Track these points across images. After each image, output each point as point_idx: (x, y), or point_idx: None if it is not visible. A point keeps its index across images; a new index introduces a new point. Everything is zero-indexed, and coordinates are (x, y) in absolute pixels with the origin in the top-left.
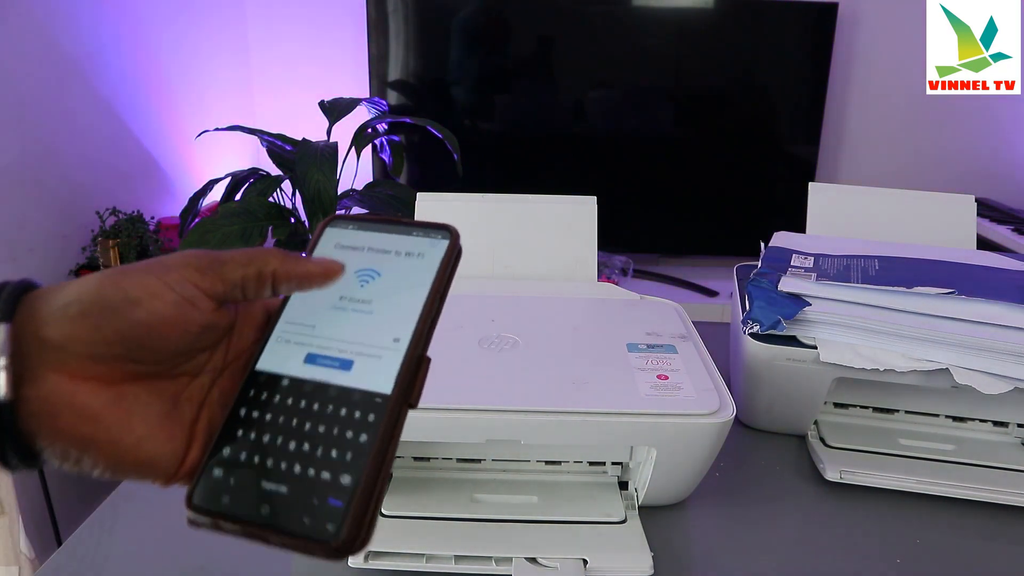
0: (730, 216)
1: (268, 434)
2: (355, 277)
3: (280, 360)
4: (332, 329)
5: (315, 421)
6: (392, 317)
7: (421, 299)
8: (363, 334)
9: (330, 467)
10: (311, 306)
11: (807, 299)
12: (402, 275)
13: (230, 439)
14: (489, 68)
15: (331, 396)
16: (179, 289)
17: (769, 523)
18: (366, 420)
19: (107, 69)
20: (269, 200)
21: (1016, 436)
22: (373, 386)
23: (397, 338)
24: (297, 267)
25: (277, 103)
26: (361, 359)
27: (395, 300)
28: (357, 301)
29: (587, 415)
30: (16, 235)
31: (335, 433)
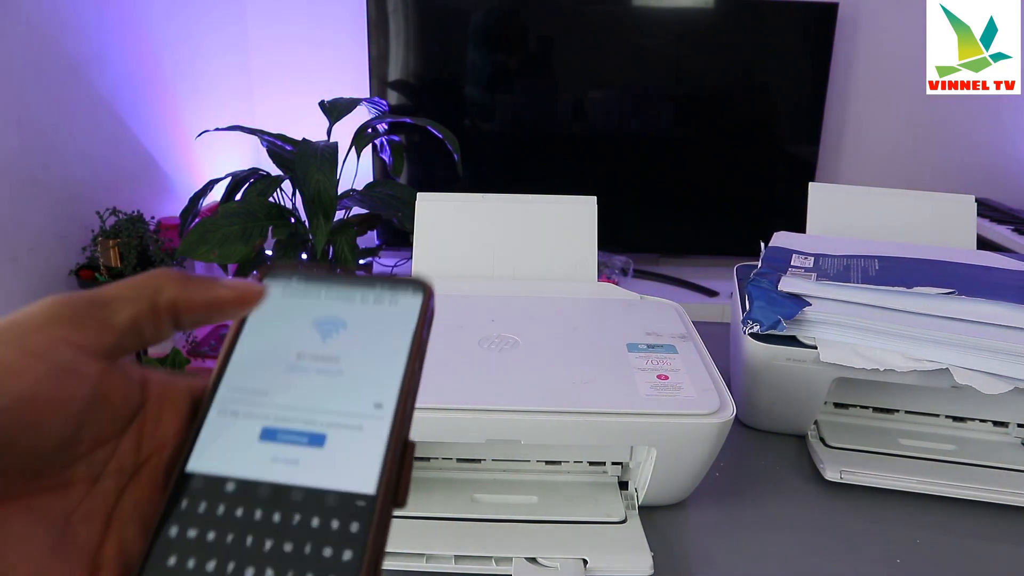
0: (730, 216)
1: (213, 560)
2: (313, 329)
3: (225, 446)
4: (292, 394)
5: (279, 537)
6: (368, 377)
7: (401, 358)
8: (334, 398)
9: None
10: (258, 367)
11: (807, 299)
12: (373, 328)
13: (159, 571)
14: (489, 68)
15: (298, 502)
16: (48, 354)
17: (769, 523)
18: (347, 531)
19: (107, 69)
20: (269, 200)
21: (1016, 436)
22: (352, 484)
23: (379, 403)
24: (202, 292)
25: (277, 103)
26: (335, 432)
27: (369, 357)
28: (320, 359)
29: (587, 415)
30: (16, 235)
31: (308, 552)
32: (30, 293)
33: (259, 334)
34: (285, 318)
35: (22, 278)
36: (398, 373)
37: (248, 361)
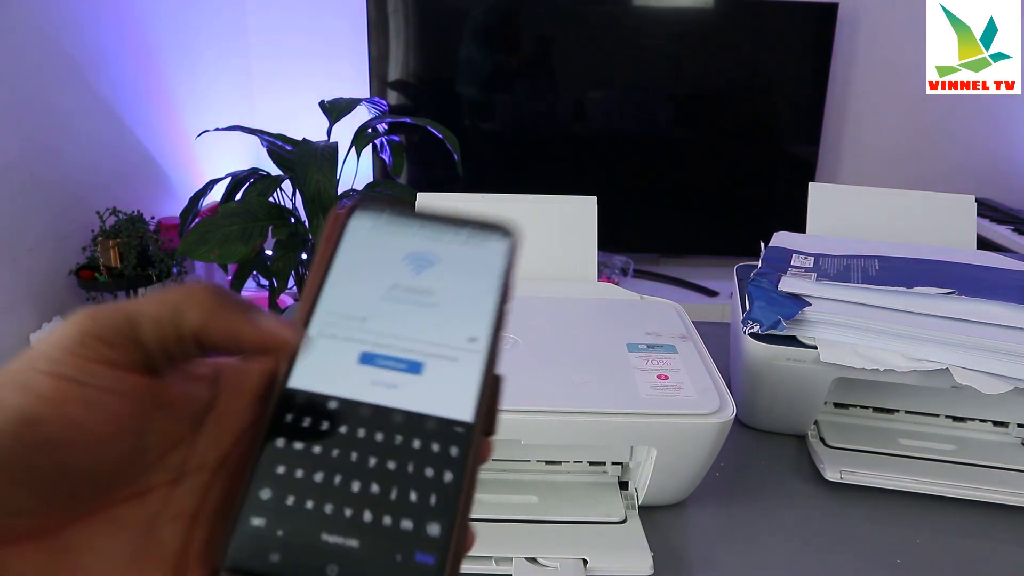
0: (730, 216)
1: (321, 472)
2: (406, 263)
3: (325, 366)
4: (389, 322)
5: (382, 455)
6: (461, 312)
7: (491, 297)
8: (430, 329)
9: (411, 514)
10: (354, 294)
11: (807, 299)
12: (463, 266)
13: (268, 478)
14: (489, 68)
15: (399, 424)
16: (83, 377)
17: (769, 523)
18: (448, 455)
19: (107, 69)
20: (269, 200)
21: (1016, 436)
22: (450, 411)
23: (474, 337)
24: (225, 325)
25: (277, 103)
26: (433, 361)
27: (461, 293)
28: (415, 291)
29: (587, 415)
30: (16, 235)
31: (411, 471)
32: (30, 293)
33: (352, 263)
34: (377, 250)
35: (22, 278)
36: (489, 310)
37: (343, 287)
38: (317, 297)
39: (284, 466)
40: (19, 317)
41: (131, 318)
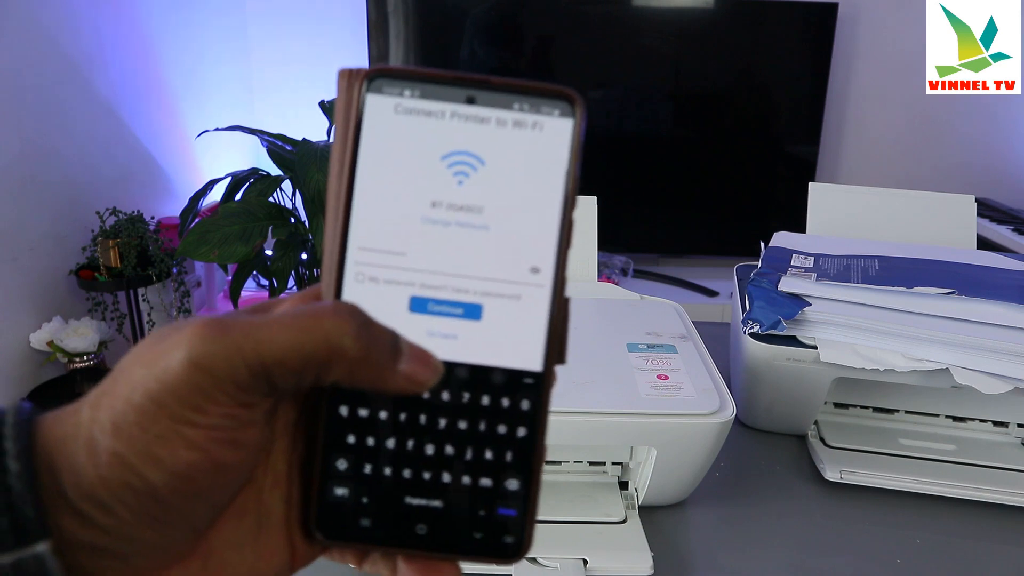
0: (730, 216)
1: (392, 438)
2: (445, 167)
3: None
4: (436, 255)
5: (452, 415)
6: (520, 233)
7: (555, 205)
8: (484, 260)
9: (489, 472)
10: (389, 220)
11: (807, 299)
12: (517, 165)
13: (340, 448)
14: (489, 68)
15: (464, 379)
16: (227, 423)
17: (769, 523)
18: (519, 409)
19: (107, 69)
20: (269, 200)
21: (1016, 436)
22: (518, 360)
23: (536, 267)
24: (375, 378)
25: (277, 103)
26: (492, 301)
27: (517, 205)
28: (460, 208)
29: (587, 415)
30: (16, 235)
31: (483, 429)
32: (30, 293)
33: (380, 173)
34: (407, 150)
35: (22, 278)
36: (553, 225)
37: (374, 211)
38: (347, 228)
39: (353, 435)
40: (19, 317)
41: (263, 362)
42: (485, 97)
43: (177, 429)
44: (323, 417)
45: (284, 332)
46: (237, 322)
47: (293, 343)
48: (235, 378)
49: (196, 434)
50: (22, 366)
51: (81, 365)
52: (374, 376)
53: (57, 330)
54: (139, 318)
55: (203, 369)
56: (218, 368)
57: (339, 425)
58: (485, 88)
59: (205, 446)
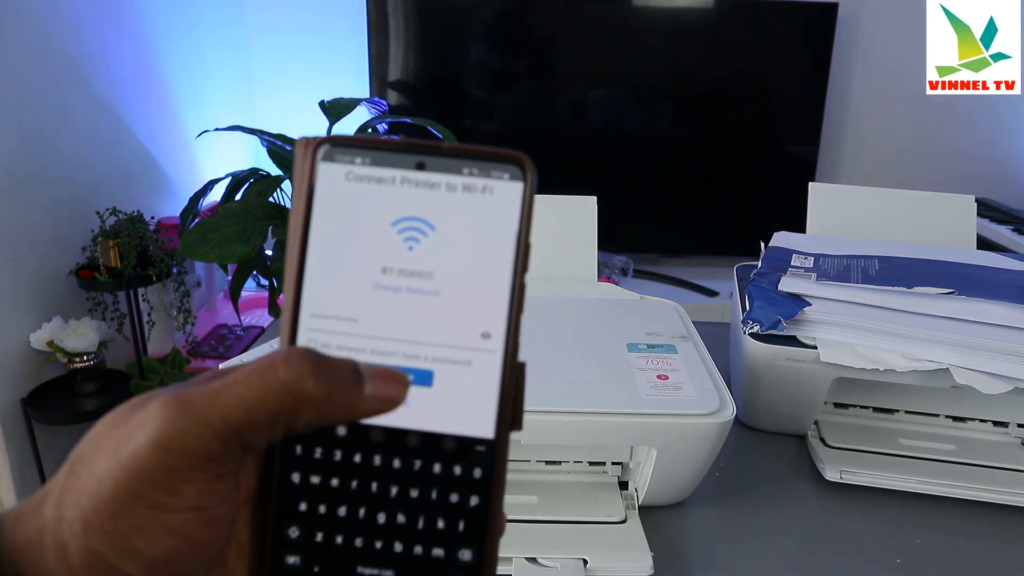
0: (730, 216)
1: (344, 506)
2: (396, 233)
3: None
4: (387, 322)
5: (403, 483)
6: (471, 298)
7: (505, 268)
8: (435, 327)
9: (442, 542)
10: (340, 287)
11: (807, 299)
12: (467, 229)
13: (292, 516)
14: (490, 68)
15: (416, 447)
16: (199, 502)
17: (769, 523)
18: (471, 477)
19: (107, 69)
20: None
21: (1016, 436)
22: (469, 427)
23: (487, 332)
24: (343, 413)
25: (277, 103)
26: (443, 367)
27: (467, 271)
28: (411, 275)
29: (587, 415)
30: (16, 235)
31: (435, 498)
32: (30, 293)
33: (332, 240)
34: (359, 217)
35: (22, 278)
36: (504, 289)
37: (326, 278)
38: (299, 294)
39: (305, 502)
40: (19, 317)
41: (232, 428)
42: (435, 162)
43: (154, 516)
44: (275, 484)
45: (245, 391)
46: (197, 392)
47: (256, 400)
48: (207, 452)
49: (174, 518)
50: (22, 366)
51: (81, 365)
52: (344, 408)
53: (57, 330)
54: (139, 318)
55: (173, 450)
56: (188, 445)
57: (291, 492)
58: (435, 154)
59: (184, 529)
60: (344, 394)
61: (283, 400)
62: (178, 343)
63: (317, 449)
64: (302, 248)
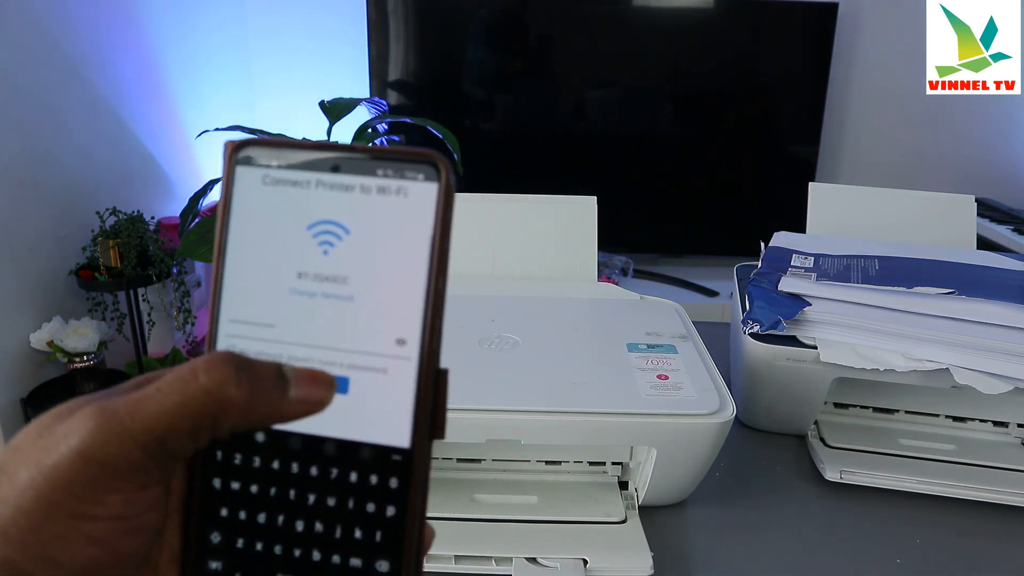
0: (730, 216)
1: (263, 512)
2: (310, 237)
3: None
4: (303, 327)
5: (320, 491)
6: (385, 303)
7: (420, 272)
8: (350, 333)
9: (358, 552)
10: (257, 292)
11: (807, 299)
12: (381, 232)
13: (214, 521)
14: (490, 67)
15: (332, 455)
16: (123, 511)
17: (769, 523)
18: (387, 487)
19: (107, 69)
20: None
21: (1016, 436)
22: (384, 436)
23: (402, 339)
24: (268, 417)
25: (277, 103)
26: (358, 375)
27: (382, 274)
28: (326, 279)
29: (587, 415)
30: (16, 235)
31: (351, 507)
32: (30, 293)
33: (248, 244)
34: (274, 221)
35: (22, 278)
36: (418, 295)
37: (244, 283)
38: (219, 299)
39: (226, 508)
40: (19, 317)
41: (156, 438)
42: (350, 164)
43: (75, 526)
44: (197, 490)
45: (167, 399)
46: (121, 403)
47: (178, 407)
48: (130, 462)
49: (96, 527)
50: (22, 366)
51: (81, 365)
52: (268, 412)
53: (57, 330)
54: (139, 318)
55: (96, 461)
56: (111, 457)
57: (212, 498)
58: (350, 155)
59: (106, 538)
60: (267, 398)
61: (205, 406)
62: (178, 343)
63: (237, 455)
64: (220, 252)
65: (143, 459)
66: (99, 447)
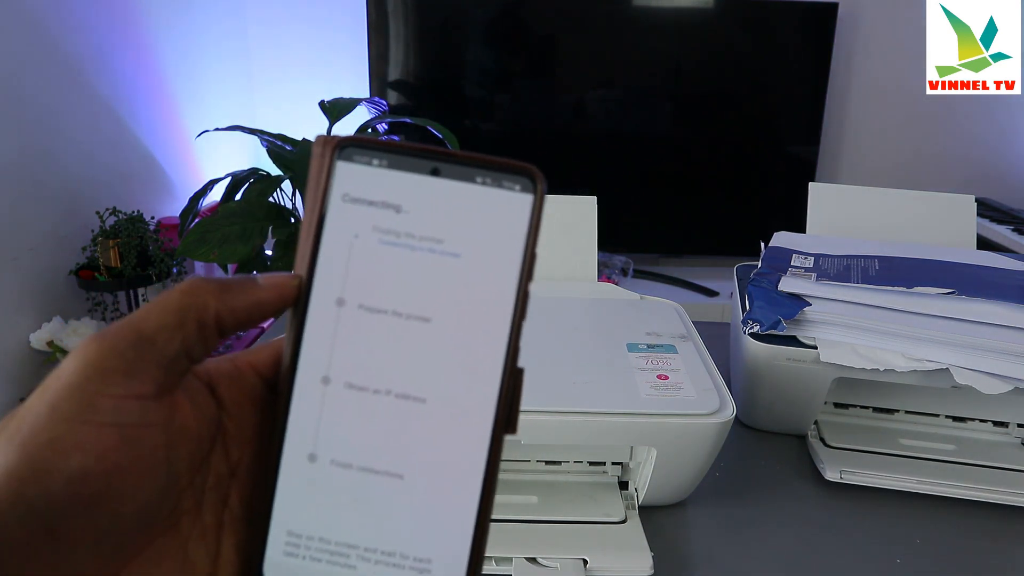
0: (730, 216)
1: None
2: (406, 261)
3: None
4: (389, 367)
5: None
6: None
7: (514, 276)
8: (433, 367)
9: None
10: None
11: (807, 299)
12: (478, 233)
13: (292, 492)
14: (489, 67)
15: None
16: (118, 418)
17: (769, 523)
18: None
19: (107, 69)
20: (269, 200)
21: (1016, 436)
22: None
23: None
24: (243, 299)
25: (277, 103)
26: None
27: (487, 270)
28: (412, 316)
29: (587, 415)
30: (16, 235)
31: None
32: (30, 293)
33: (336, 273)
34: (370, 253)
35: (22, 278)
36: (510, 301)
37: (330, 325)
38: (312, 278)
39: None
40: (19, 317)
41: (148, 336)
42: (448, 167)
43: (69, 430)
44: (275, 456)
45: (149, 305)
46: (115, 323)
47: (158, 305)
48: (122, 364)
49: (87, 432)
50: (22, 366)
51: None
52: (244, 293)
53: (57, 330)
54: None
55: (90, 364)
56: (103, 359)
57: (290, 471)
58: (449, 161)
59: (97, 446)
60: (239, 282)
61: (183, 297)
62: None
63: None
64: (316, 242)
65: (133, 358)
66: (92, 353)
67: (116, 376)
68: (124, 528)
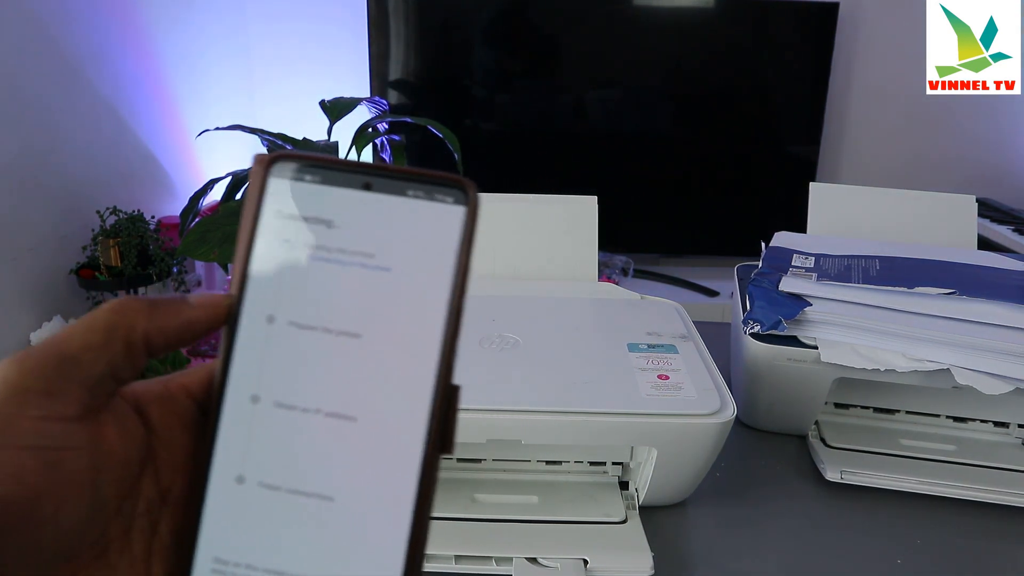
0: (730, 216)
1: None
2: (338, 273)
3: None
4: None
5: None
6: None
7: (446, 287)
8: (363, 383)
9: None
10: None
11: (808, 299)
12: (409, 247)
13: (221, 515)
14: (490, 67)
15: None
16: (39, 441)
17: (769, 523)
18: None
19: (107, 69)
20: None
21: (1017, 436)
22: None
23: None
24: (173, 318)
25: (277, 103)
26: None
27: (418, 278)
28: (346, 332)
29: (588, 415)
30: (16, 235)
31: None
32: (30, 293)
33: (272, 286)
34: (300, 264)
35: (23, 277)
36: (441, 310)
37: (259, 343)
38: (242, 295)
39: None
40: (19, 317)
41: (71, 355)
42: (379, 180)
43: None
44: (203, 478)
45: (75, 325)
46: (39, 343)
47: (85, 325)
48: (44, 385)
49: (7, 456)
50: None
51: None
52: (175, 314)
53: (58, 329)
54: None
55: (10, 385)
56: (25, 380)
57: (218, 493)
58: (373, 172)
59: (16, 469)
60: (169, 301)
61: (110, 316)
62: None
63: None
64: (246, 258)
65: (56, 379)
66: (12, 372)
67: (37, 397)
68: (47, 557)
